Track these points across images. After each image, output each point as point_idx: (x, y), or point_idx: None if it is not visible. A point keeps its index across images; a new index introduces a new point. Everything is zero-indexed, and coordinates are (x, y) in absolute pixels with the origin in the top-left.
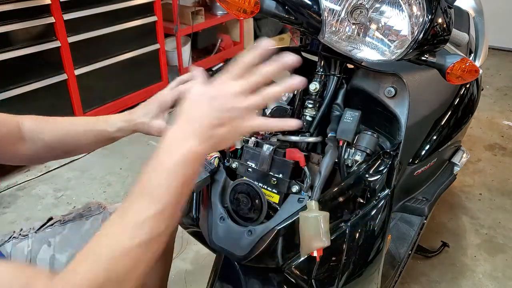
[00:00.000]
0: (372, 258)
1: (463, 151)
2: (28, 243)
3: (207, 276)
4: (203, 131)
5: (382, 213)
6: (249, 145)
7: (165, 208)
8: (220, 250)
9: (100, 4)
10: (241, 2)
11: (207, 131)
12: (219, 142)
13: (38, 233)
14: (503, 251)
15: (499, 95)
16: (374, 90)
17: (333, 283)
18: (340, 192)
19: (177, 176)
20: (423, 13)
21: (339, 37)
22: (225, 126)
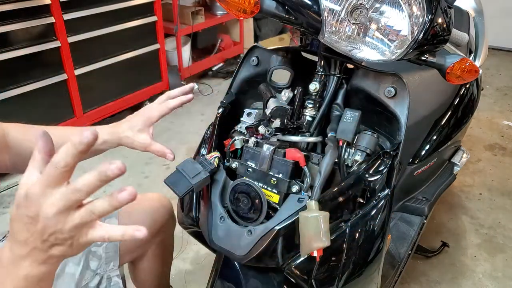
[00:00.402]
0: (372, 258)
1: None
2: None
3: (207, 276)
4: (36, 254)
5: (382, 213)
6: (249, 145)
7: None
8: (220, 250)
9: (100, 4)
10: (241, 2)
11: (40, 255)
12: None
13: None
14: (503, 251)
15: (499, 95)
16: (374, 90)
17: (333, 283)
18: (340, 192)
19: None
20: (423, 13)
21: (339, 37)
22: (60, 245)
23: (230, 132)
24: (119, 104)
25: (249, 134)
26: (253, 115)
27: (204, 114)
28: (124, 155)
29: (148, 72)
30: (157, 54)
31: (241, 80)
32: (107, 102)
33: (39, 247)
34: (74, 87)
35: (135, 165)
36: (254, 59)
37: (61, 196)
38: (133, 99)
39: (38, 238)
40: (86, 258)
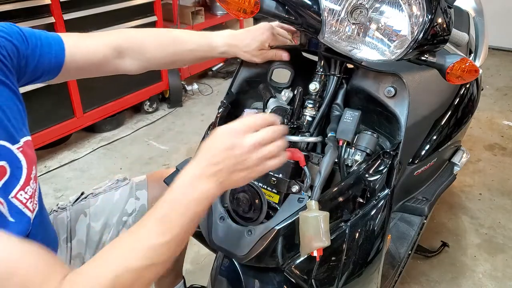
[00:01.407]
0: (372, 258)
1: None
2: (67, 214)
3: (207, 276)
4: (221, 176)
5: (382, 213)
6: None
7: (173, 239)
8: (220, 250)
9: (100, 4)
10: (241, 2)
11: (224, 176)
12: (230, 185)
13: (74, 205)
14: (503, 251)
15: (499, 95)
16: (374, 90)
17: (333, 283)
18: (340, 192)
19: (189, 213)
20: (423, 13)
21: (339, 37)
22: (240, 172)
23: None
24: (119, 104)
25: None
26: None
27: (204, 114)
28: (124, 154)
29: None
30: None
31: (241, 80)
32: (107, 102)
33: (226, 169)
34: (74, 87)
35: (135, 165)
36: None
37: (257, 136)
38: (133, 99)
39: (231, 161)
40: (117, 227)
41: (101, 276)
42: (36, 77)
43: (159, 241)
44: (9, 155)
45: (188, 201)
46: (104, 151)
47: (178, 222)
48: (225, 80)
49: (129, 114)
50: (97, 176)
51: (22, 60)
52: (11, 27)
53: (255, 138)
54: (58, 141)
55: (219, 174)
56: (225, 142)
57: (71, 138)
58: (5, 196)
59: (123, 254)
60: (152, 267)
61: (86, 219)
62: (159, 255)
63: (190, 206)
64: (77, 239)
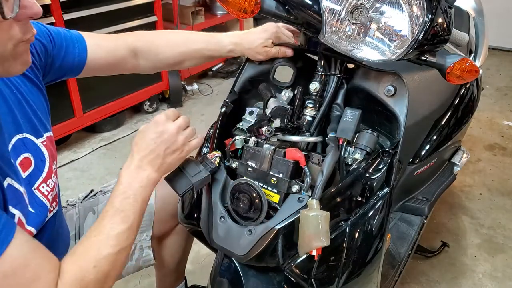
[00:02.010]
0: (372, 257)
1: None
2: (76, 211)
3: (207, 276)
4: (157, 161)
5: (381, 212)
6: (250, 145)
7: (132, 224)
8: (220, 249)
9: (100, 4)
10: (241, 2)
11: (159, 160)
12: (168, 167)
13: (83, 202)
14: (503, 251)
15: (499, 95)
16: (374, 89)
17: (333, 282)
18: (340, 191)
19: (139, 199)
20: (423, 13)
21: (339, 37)
22: (172, 154)
23: (232, 130)
24: (119, 104)
25: (251, 134)
26: (255, 113)
27: (204, 114)
28: (124, 154)
29: None
30: None
31: (244, 79)
32: (107, 102)
33: (160, 155)
34: (74, 87)
35: None
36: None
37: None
38: (133, 99)
39: (162, 146)
40: None
41: (84, 269)
42: (60, 75)
43: (121, 229)
44: (34, 148)
45: (135, 190)
46: (104, 151)
47: (132, 209)
48: (225, 80)
49: (129, 114)
50: (97, 176)
51: (49, 58)
52: (39, 26)
53: (177, 123)
54: (58, 141)
55: (154, 160)
56: (153, 132)
57: (71, 138)
58: (29, 187)
59: (95, 246)
60: (122, 251)
61: (94, 216)
62: (125, 240)
63: (137, 194)
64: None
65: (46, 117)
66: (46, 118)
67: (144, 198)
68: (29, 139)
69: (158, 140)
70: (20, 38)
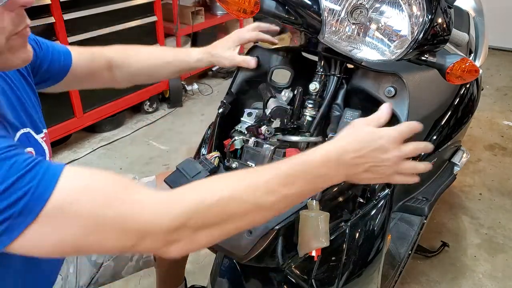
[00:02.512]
0: (372, 258)
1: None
2: None
3: (207, 276)
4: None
5: (382, 213)
6: (249, 145)
7: (284, 197)
8: (220, 250)
9: (100, 4)
10: (241, 2)
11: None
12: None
13: None
14: (503, 251)
15: (499, 95)
16: (374, 90)
17: (333, 283)
18: (340, 192)
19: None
20: (423, 13)
21: (339, 37)
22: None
23: (230, 132)
24: (119, 104)
25: (250, 134)
26: (254, 115)
27: (204, 114)
28: (124, 154)
29: None
30: None
31: (241, 80)
32: (107, 102)
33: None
34: None
35: (135, 165)
36: (254, 59)
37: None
38: (133, 99)
39: (373, 162)
40: None
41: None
42: (44, 79)
43: (277, 189)
44: (35, 143)
45: (315, 177)
46: (104, 151)
47: (299, 185)
48: (225, 80)
49: (129, 114)
50: None
51: (37, 60)
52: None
53: (403, 153)
54: (58, 141)
55: (355, 168)
56: (379, 144)
57: (71, 138)
58: None
59: (236, 183)
60: (255, 209)
61: None
62: (267, 201)
63: (314, 181)
64: None
65: (41, 114)
66: (40, 116)
67: (314, 189)
68: (31, 135)
69: (376, 154)
70: (12, 30)
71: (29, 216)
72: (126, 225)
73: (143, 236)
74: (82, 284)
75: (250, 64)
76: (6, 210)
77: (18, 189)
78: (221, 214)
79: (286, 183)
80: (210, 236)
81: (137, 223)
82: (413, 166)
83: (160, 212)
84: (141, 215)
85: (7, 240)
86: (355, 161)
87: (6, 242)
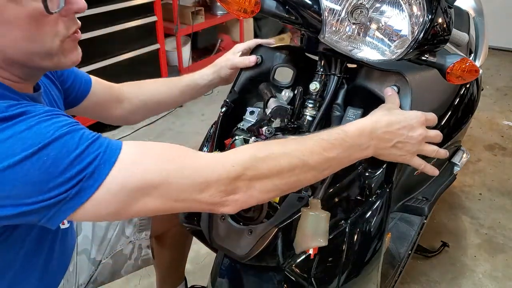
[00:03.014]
0: (371, 256)
1: (463, 151)
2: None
3: (207, 276)
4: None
5: (381, 211)
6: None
7: (325, 160)
8: (220, 249)
9: (100, 4)
10: (241, 2)
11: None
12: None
13: None
14: (503, 251)
15: (499, 95)
16: (377, 89)
17: (332, 282)
18: (340, 190)
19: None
20: (423, 13)
21: (340, 37)
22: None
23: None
24: None
25: (250, 134)
26: (256, 113)
27: (204, 114)
28: None
29: (148, 72)
30: (157, 54)
31: (244, 79)
32: None
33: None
34: None
35: None
36: (258, 57)
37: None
38: None
39: (401, 138)
40: (123, 224)
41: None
42: (65, 97)
43: (320, 151)
44: None
45: (350, 145)
46: None
47: (338, 151)
48: None
49: None
50: None
51: (62, 75)
52: None
53: (427, 133)
54: None
55: (384, 142)
56: (408, 122)
57: None
58: None
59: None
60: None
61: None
62: (312, 159)
63: (349, 149)
64: (83, 235)
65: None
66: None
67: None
68: None
69: (404, 132)
70: (65, 34)
71: (99, 178)
72: (189, 176)
73: (205, 186)
74: (82, 283)
75: (250, 62)
76: (79, 173)
77: (88, 155)
78: (273, 167)
79: (327, 148)
80: (264, 188)
81: (199, 174)
82: (435, 149)
83: (220, 164)
84: (203, 167)
85: (78, 202)
86: (386, 136)
87: (77, 204)
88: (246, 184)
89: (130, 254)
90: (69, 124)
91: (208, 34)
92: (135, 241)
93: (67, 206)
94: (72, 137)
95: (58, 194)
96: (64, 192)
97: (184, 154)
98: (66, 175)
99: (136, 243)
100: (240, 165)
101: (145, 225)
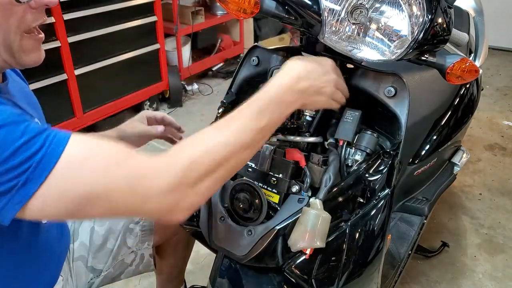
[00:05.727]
0: (372, 258)
1: (463, 151)
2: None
3: (207, 276)
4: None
5: (382, 213)
6: None
7: (262, 128)
8: (220, 250)
9: (100, 4)
10: (241, 2)
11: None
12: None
13: None
14: (503, 251)
15: (499, 95)
16: (374, 90)
17: (333, 283)
18: (340, 192)
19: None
20: (423, 13)
21: (339, 37)
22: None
23: None
24: (119, 104)
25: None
26: None
27: (204, 114)
28: None
29: (148, 72)
30: (157, 54)
31: (241, 80)
32: (107, 102)
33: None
34: (74, 87)
35: None
36: (254, 59)
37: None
38: (133, 99)
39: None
40: (124, 235)
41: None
42: None
43: (251, 126)
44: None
45: (279, 103)
46: None
47: (268, 116)
48: (225, 80)
49: (129, 114)
50: None
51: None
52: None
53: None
54: None
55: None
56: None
57: None
58: None
59: (216, 132)
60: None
61: (90, 222)
62: (246, 138)
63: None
64: (79, 242)
65: (43, 115)
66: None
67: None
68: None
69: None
70: (30, 25)
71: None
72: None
73: (147, 198)
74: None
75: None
76: (26, 161)
77: (35, 143)
78: (211, 163)
79: (257, 118)
80: (208, 186)
81: (140, 185)
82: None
83: (157, 177)
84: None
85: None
86: (306, 86)
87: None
88: (188, 189)
89: (131, 262)
90: (16, 114)
91: (208, 34)
92: (137, 251)
93: (16, 198)
94: (17, 126)
95: (6, 181)
96: (13, 178)
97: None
98: (12, 161)
99: (138, 253)
100: (177, 175)
101: (147, 235)
